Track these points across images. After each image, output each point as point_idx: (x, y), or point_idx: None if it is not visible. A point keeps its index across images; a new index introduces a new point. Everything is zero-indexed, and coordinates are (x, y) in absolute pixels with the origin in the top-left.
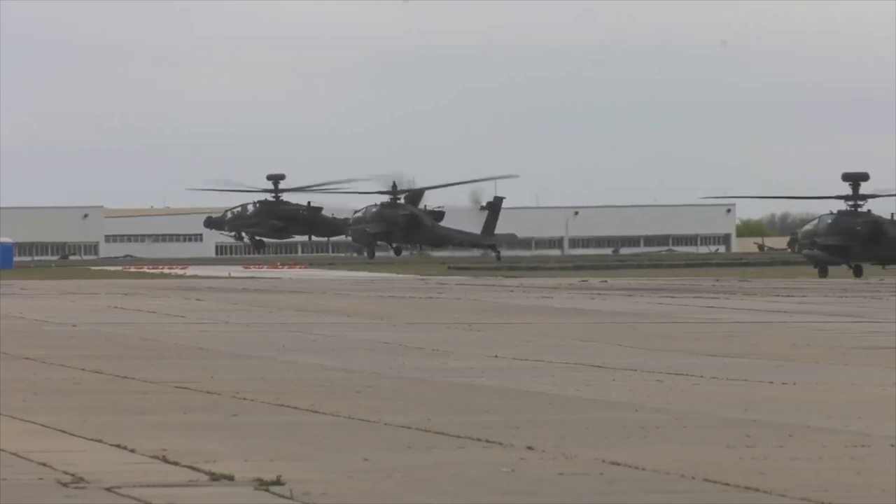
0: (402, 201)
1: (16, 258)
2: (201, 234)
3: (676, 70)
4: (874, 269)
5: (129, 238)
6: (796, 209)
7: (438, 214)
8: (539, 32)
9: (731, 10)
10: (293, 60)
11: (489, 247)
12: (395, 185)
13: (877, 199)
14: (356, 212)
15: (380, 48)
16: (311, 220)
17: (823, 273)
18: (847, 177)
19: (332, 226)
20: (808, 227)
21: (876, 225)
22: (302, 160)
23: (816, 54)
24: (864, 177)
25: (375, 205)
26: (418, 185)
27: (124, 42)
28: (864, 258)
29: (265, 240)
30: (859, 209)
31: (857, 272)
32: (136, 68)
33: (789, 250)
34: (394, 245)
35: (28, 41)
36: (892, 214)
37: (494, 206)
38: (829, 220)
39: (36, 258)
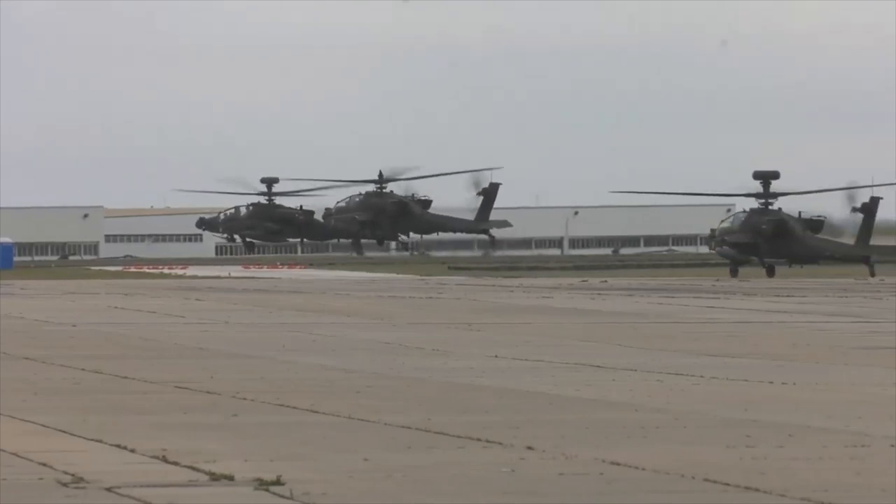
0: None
1: (16, 258)
2: (201, 235)
3: (676, 70)
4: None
5: (129, 238)
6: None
7: (426, 203)
8: (539, 32)
9: (731, 10)
10: (293, 60)
11: (482, 232)
12: (381, 174)
13: (788, 196)
14: (339, 202)
15: (380, 48)
16: (305, 224)
17: (734, 272)
18: (758, 175)
19: (324, 229)
20: (724, 224)
21: (781, 223)
22: (302, 160)
23: (817, 54)
24: (775, 175)
25: (360, 194)
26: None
27: (124, 42)
28: (771, 256)
29: (256, 242)
30: (770, 207)
31: (770, 272)
32: (136, 68)
33: (708, 248)
34: (379, 234)
35: (28, 41)
36: (800, 213)
37: (489, 193)
38: (742, 218)
39: (36, 258)
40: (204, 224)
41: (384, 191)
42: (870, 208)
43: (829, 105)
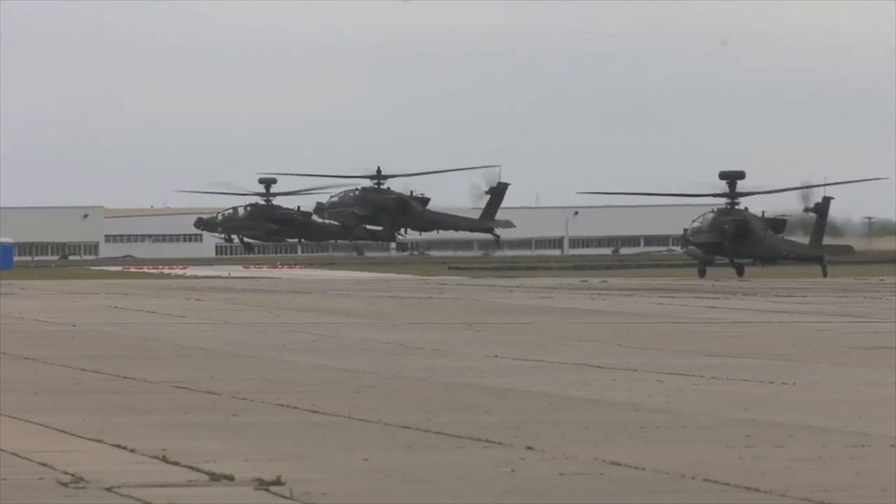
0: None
1: (16, 258)
2: (201, 235)
3: (676, 70)
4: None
5: (129, 238)
6: (795, 209)
7: (424, 200)
8: (539, 32)
9: (731, 10)
10: (293, 60)
11: (487, 230)
12: (379, 170)
13: (752, 196)
14: (332, 197)
15: (380, 48)
16: (303, 224)
17: (702, 273)
18: (724, 175)
19: (322, 230)
20: (694, 224)
21: (742, 223)
22: (302, 160)
23: (817, 54)
24: (741, 175)
25: (356, 189)
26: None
27: (125, 42)
28: (735, 255)
29: (253, 242)
30: (737, 206)
31: (739, 271)
32: (136, 68)
33: (680, 248)
34: (377, 231)
35: (28, 41)
36: (763, 212)
37: (497, 192)
38: (710, 219)
39: (36, 258)
40: (202, 224)
41: (382, 187)
42: (822, 208)
43: (834, 106)
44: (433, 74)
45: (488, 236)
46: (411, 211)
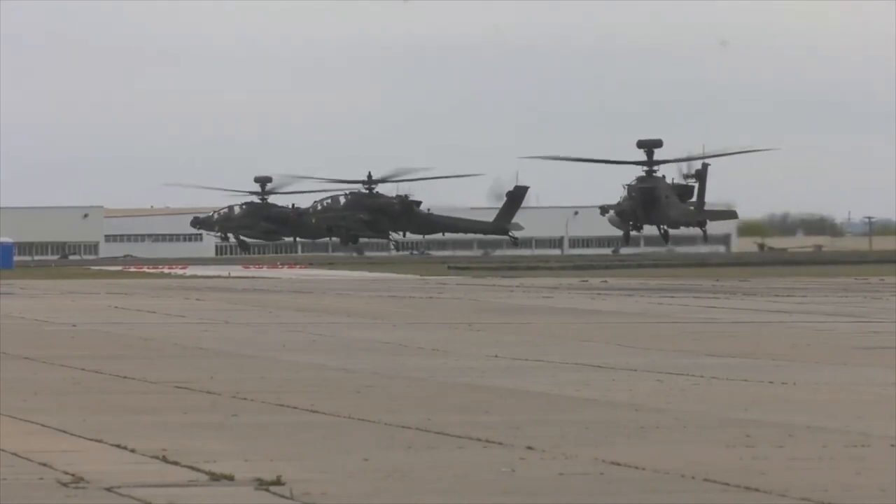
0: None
1: (16, 258)
2: (201, 234)
3: (676, 70)
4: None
5: (129, 238)
6: (794, 208)
7: (417, 203)
8: (539, 32)
9: (731, 10)
10: (293, 60)
11: (503, 232)
12: (370, 176)
13: (668, 163)
14: (322, 200)
15: (380, 48)
16: (299, 223)
17: (626, 239)
18: (642, 144)
19: (318, 228)
20: (625, 191)
21: (649, 190)
22: (300, 161)
23: (816, 54)
24: (658, 143)
25: (346, 193)
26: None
27: (125, 42)
28: (645, 222)
29: (249, 241)
30: (654, 174)
31: (665, 237)
32: (136, 68)
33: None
34: (377, 234)
35: (28, 41)
36: (673, 180)
37: (515, 195)
38: (629, 187)
39: (36, 258)
40: (199, 224)
41: (374, 192)
42: (701, 174)
43: (827, 104)
44: (432, 75)
45: (497, 237)
46: (416, 214)
